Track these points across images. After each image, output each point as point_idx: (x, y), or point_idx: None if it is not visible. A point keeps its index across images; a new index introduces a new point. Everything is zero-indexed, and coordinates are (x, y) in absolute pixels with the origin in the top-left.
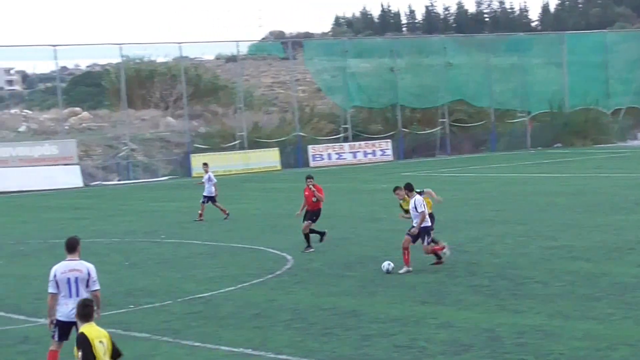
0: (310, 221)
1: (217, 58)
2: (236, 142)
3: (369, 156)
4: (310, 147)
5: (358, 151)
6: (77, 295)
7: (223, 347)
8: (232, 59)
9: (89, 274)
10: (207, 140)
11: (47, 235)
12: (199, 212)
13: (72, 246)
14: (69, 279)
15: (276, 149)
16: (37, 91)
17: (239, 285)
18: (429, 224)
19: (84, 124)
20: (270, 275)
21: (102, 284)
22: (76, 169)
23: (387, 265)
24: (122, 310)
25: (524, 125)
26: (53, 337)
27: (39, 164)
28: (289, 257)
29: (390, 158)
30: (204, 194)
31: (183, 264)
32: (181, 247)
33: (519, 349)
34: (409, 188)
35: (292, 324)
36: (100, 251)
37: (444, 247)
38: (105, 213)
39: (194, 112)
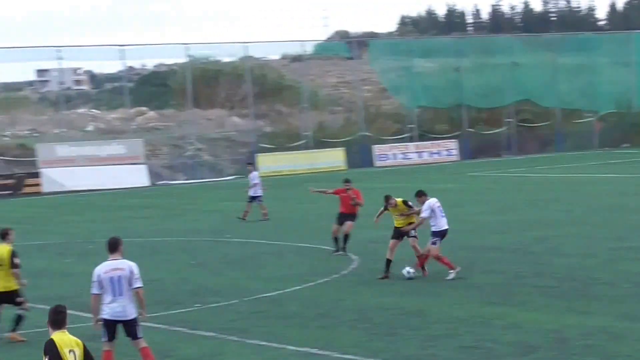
0: (340, 224)
1: (283, 58)
2: (301, 141)
3: (435, 156)
4: (375, 147)
5: (423, 151)
6: (121, 294)
7: (289, 347)
8: (297, 58)
9: (131, 272)
10: (273, 140)
11: (115, 234)
12: (246, 210)
13: (114, 246)
14: (111, 278)
15: (341, 148)
16: (105, 91)
17: (305, 285)
18: (445, 227)
19: (150, 124)
20: (335, 275)
21: (168, 283)
22: (143, 169)
23: (406, 272)
24: (189, 309)
25: (591, 126)
26: (103, 337)
27: (106, 163)
28: (354, 256)
29: (456, 158)
30: (250, 194)
31: (249, 263)
32: (247, 246)
33: (586, 350)
34: (419, 194)
35: (358, 324)
36: (166, 250)
37: (425, 269)
38: (172, 212)
39: (260, 111)
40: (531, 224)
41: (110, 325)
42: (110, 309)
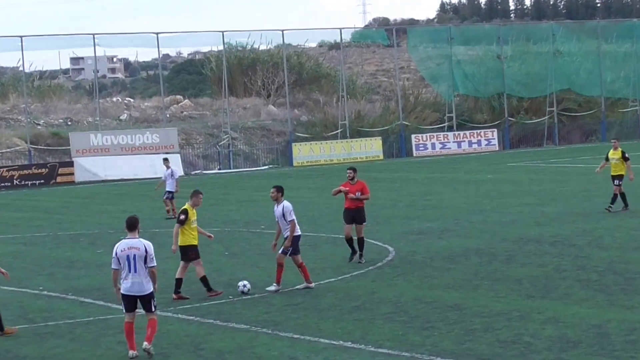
0: (364, 223)
1: (320, 45)
2: (338, 130)
3: (474, 146)
4: (413, 136)
5: (463, 141)
6: (136, 271)
7: (323, 340)
8: (335, 46)
9: (146, 251)
10: (309, 129)
11: (148, 224)
12: (167, 209)
13: (132, 225)
14: (128, 256)
15: (379, 138)
16: (139, 79)
17: (340, 277)
18: (299, 232)
19: (185, 112)
20: (371, 267)
21: (200, 274)
22: (177, 158)
23: (242, 285)
24: (222, 301)
25: (637, 115)
26: (124, 310)
27: (140, 152)
28: (390, 248)
29: (496, 148)
30: (167, 189)
31: None
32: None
33: (629, 346)
34: (281, 191)
35: (393, 317)
36: (200, 240)
37: (309, 281)
38: (206, 202)
39: (296, 100)
40: (573, 216)
41: (127, 299)
42: (127, 284)
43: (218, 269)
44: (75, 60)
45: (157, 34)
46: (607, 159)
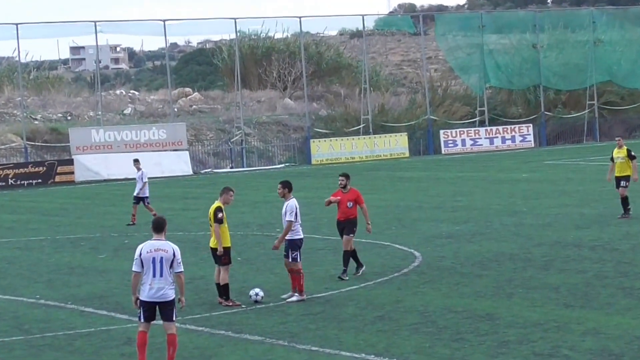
0: (351, 235)
1: (341, 33)
2: (360, 126)
3: (508, 142)
4: (442, 132)
5: (495, 137)
6: (161, 275)
7: (343, 353)
8: (357, 34)
9: (174, 255)
10: (329, 124)
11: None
12: (153, 213)
13: (159, 226)
14: (154, 259)
15: (404, 134)
16: (145, 70)
17: (362, 284)
18: (300, 235)
19: (194, 106)
20: (396, 274)
21: (212, 281)
22: (185, 155)
23: (254, 294)
24: (234, 311)
25: None
26: (139, 318)
27: (145, 149)
28: (417, 253)
29: (532, 144)
30: (139, 194)
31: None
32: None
33: None
34: (288, 186)
35: (420, 327)
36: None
37: (302, 295)
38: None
39: (315, 93)
40: (614, 218)
41: (147, 307)
42: (149, 289)
43: (230, 276)
44: (75, 49)
45: (164, 21)
46: (612, 160)
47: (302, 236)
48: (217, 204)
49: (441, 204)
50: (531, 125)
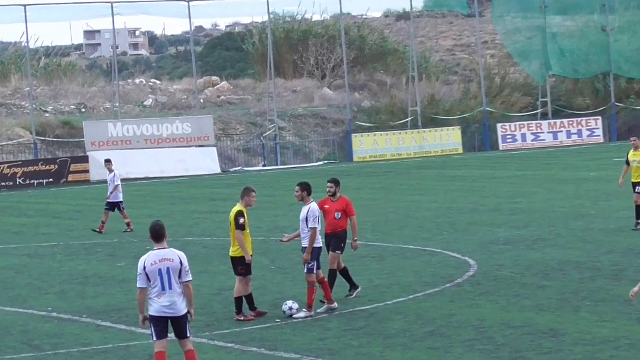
0: (338, 252)
1: (386, 15)
2: (408, 119)
3: (573, 137)
4: (499, 125)
5: (559, 130)
6: (170, 287)
7: None
8: (403, 16)
9: (181, 263)
10: (372, 117)
11: (178, 232)
12: (127, 221)
13: (158, 234)
14: (160, 270)
15: (457, 127)
16: (167, 56)
17: (411, 296)
18: (319, 244)
19: (222, 97)
20: (448, 284)
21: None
22: (212, 151)
23: (287, 308)
24: (267, 325)
25: None
26: (152, 337)
27: (167, 145)
28: (471, 261)
29: (600, 139)
30: (113, 199)
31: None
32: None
33: None
34: (307, 189)
35: (475, 344)
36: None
37: (310, 310)
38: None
39: (356, 82)
40: None
41: (158, 323)
42: (158, 304)
43: (262, 287)
44: (89, 34)
45: (188, 1)
46: (627, 163)
47: (321, 245)
48: (237, 207)
49: (498, 206)
50: (600, 117)
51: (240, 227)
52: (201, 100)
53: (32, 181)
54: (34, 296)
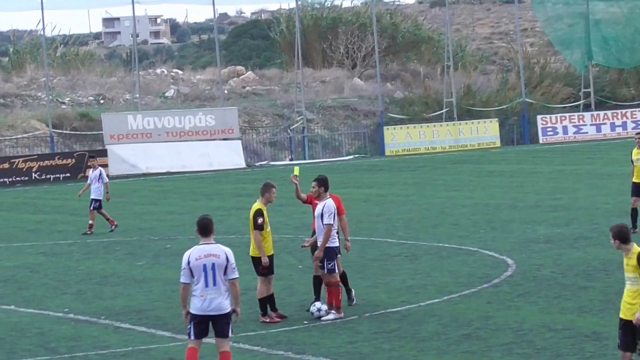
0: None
1: (420, 2)
2: (443, 110)
3: (618, 130)
4: (539, 117)
5: (603, 123)
6: (214, 284)
7: None
8: (438, 2)
9: (227, 260)
10: (405, 109)
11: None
12: (90, 223)
13: (206, 228)
14: (205, 266)
15: (495, 120)
16: (190, 45)
17: (445, 297)
18: (336, 242)
19: (247, 88)
20: (485, 285)
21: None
22: (237, 145)
23: (316, 309)
24: (295, 327)
25: None
26: (189, 335)
27: (190, 138)
28: (510, 261)
29: None
30: (92, 196)
31: (372, 268)
32: (370, 246)
33: None
34: (324, 184)
35: (514, 348)
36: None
37: (340, 312)
38: (274, 202)
39: (389, 71)
40: None
41: (200, 323)
42: (201, 301)
43: (289, 287)
44: (109, 21)
45: None
46: (632, 162)
47: (338, 244)
48: (257, 205)
49: (538, 202)
50: None
51: (259, 227)
52: (225, 91)
53: (48, 176)
54: (50, 297)
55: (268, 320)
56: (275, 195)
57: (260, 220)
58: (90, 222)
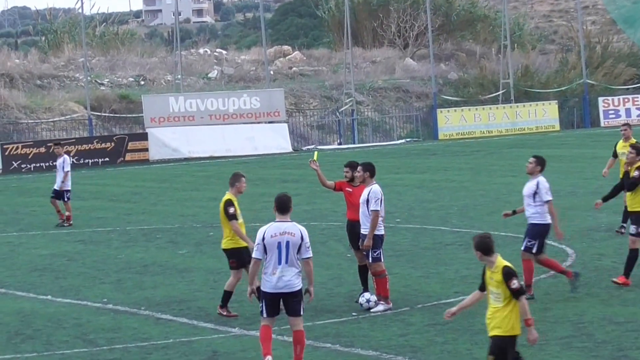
0: (355, 244)
1: None
2: (499, 92)
3: None
4: (601, 99)
5: None
6: (287, 262)
7: None
8: None
9: (302, 238)
10: (460, 90)
11: (245, 217)
12: (63, 212)
13: (284, 205)
14: (279, 243)
15: (554, 102)
16: (234, 24)
17: None
18: (382, 230)
19: (294, 68)
20: (543, 275)
21: (317, 281)
22: (283, 128)
23: (365, 300)
24: (343, 319)
25: None
26: (261, 313)
27: (234, 121)
28: (569, 250)
29: None
30: (56, 187)
31: (425, 257)
32: (423, 234)
33: None
34: (370, 170)
35: (573, 342)
36: (316, 239)
37: (388, 302)
38: (321, 188)
39: (443, 51)
40: None
41: (272, 299)
42: (273, 279)
43: (337, 277)
44: None
45: None
46: (614, 155)
47: (383, 232)
48: (227, 196)
49: (600, 189)
50: None
51: (232, 217)
52: (271, 72)
53: (86, 160)
54: (88, 286)
55: (225, 313)
56: (246, 185)
57: (231, 210)
58: (67, 214)
